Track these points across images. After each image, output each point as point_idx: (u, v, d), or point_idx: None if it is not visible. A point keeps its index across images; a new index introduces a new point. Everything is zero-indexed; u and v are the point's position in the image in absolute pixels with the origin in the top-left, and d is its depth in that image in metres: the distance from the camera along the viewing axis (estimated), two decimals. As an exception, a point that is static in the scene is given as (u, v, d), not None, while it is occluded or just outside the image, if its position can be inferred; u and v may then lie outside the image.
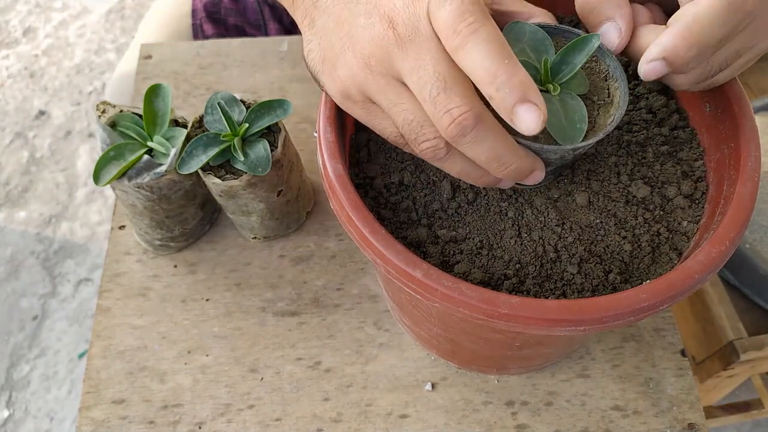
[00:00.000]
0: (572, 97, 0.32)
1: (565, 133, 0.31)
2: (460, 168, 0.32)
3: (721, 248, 0.31)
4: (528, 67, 0.32)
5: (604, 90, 0.34)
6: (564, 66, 0.32)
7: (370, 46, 0.31)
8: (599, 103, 0.34)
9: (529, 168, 0.32)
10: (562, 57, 0.32)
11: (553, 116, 0.32)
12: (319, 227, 0.56)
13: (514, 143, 0.31)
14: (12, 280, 1.34)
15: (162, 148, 0.46)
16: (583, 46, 0.32)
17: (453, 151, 0.31)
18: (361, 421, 0.47)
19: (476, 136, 0.29)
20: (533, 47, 0.33)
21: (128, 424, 0.47)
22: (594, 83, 0.34)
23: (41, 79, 1.66)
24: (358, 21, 0.32)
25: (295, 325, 0.51)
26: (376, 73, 0.31)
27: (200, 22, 0.81)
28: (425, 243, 0.36)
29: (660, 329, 0.51)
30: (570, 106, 0.32)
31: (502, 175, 0.32)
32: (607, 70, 0.34)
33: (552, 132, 0.31)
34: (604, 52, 0.34)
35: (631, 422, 0.47)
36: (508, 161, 0.31)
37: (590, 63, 0.34)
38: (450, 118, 0.29)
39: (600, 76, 0.34)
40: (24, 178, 1.49)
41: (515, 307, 0.30)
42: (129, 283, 0.53)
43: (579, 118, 0.32)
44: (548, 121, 0.31)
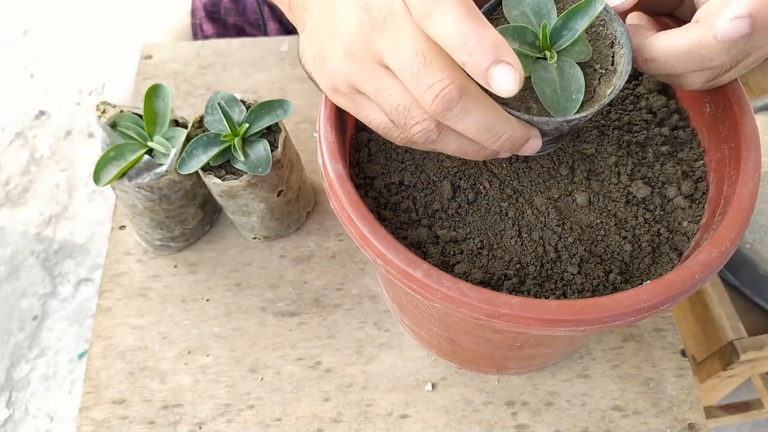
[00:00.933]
0: (571, 65, 0.31)
1: (558, 104, 0.30)
2: (456, 146, 0.32)
3: (721, 248, 0.31)
4: (526, 33, 0.31)
5: (609, 57, 0.32)
6: (565, 31, 0.31)
7: (350, 34, 0.31)
8: (602, 71, 0.32)
9: (524, 137, 0.31)
10: (563, 21, 0.31)
11: (547, 86, 0.30)
12: (320, 227, 0.56)
13: (503, 112, 0.30)
14: (12, 280, 1.34)
15: (162, 148, 0.46)
16: (587, 9, 0.30)
17: (445, 130, 0.31)
18: (362, 422, 0.47)
19: (462, 108, 0.28)
20: (535, 11, 0.32)
21: (128, 424, 0.47)
22: (598, 49, 0.32)
23: (41, 79, 1.66)
24: (338, 13, 0.32)
25: (296, 325, 0.51)
26: (359, 61, 0.31)
27: (200, 22, 0.81)
28: (425, 243, 0.36)
29: (660, 329, 0.51)
30: (567, 75, 0.31)
31: (496, 146, 0.31)
32: (614, 36, 0.32)
33: (545, 103, 0.30)
34: (612, 16, 0.32)
35: (631, 422, 0.47)
36: (500, 131, 0.30)
37: (597, 27, 0.33)
38: (433, 93, 0.28)
39: (606, 42, 0.32)
40: (24, 178, 1.49)
41: (515, 307, 0.30)
42: (129, 283, 0.53)
43: (576, 88, 0.30)
44: (542, 92, 0.30)
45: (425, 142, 0.31)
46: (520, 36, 0.31)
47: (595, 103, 0.31)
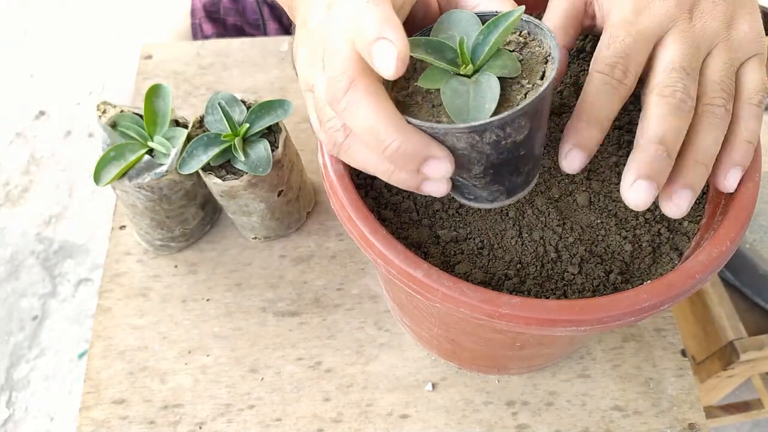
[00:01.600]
0: (489, 77, 0.29)
1: (468, 113, 0.28)
2: (363, 157, 0.30)
3: (721, 248, 0.31)
4: (445, 49, 0.29)
5: (539, 72, 0.30)
6: (484, 46, 0.29)
7: (312, 32, 0.31)
8: (528, 86, 0.30)
9: (420, 152, 0.27)
10: (483, 37, 0.29)
11: (459, 98, 0.28)
12: (320, 227, 0.56)
13: (396, 118, 0.27)
14: (12, 280, 1.34)
15: (162, 148, 0.46)
16: (503, 20, 0.28)
17: (351, 135, 0.29)
18: (362, 422, 0.47)
19: (350, 100, 0.27)
20: (463, 33, 0.30)
21: (128, 424, 0.47)
22: (530, 66, 0.30)
23: (41, 79, 1.66)
24: (311, 15, 0.32)
25: (296, 325, 0.51)
26: (312, 61, 0.31)
27: (199, 22, 0.81)
28: (426, 243, 0.36)
29: (660, 329, 0.51)
30: (483, 87, 0.28)
31: (387, 157, 0.27)
32: (549, 52, 0.30)
33: (450, 111, 0.28)
34: (545, 32, 0.30)
35: (631, 422, 0.47)
36: (387, 137, 0.27)
37: (532, 48, 0.31)
38: (327, 84, 0.27)
39: (539, 59, 0.31)
40: (24, 178, 1.49)
41: (516, 307, 0.30)
42: (129, 283, 0.53)
43: (489, 98, 0.28)
44: (450, 102, 0.28)
45: (334, 145, 0.30)
46: (437, 51, 0.29)
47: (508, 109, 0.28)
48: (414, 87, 0.30)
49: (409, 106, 0.30)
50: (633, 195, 0.29)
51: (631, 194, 0.29)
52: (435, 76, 0.29)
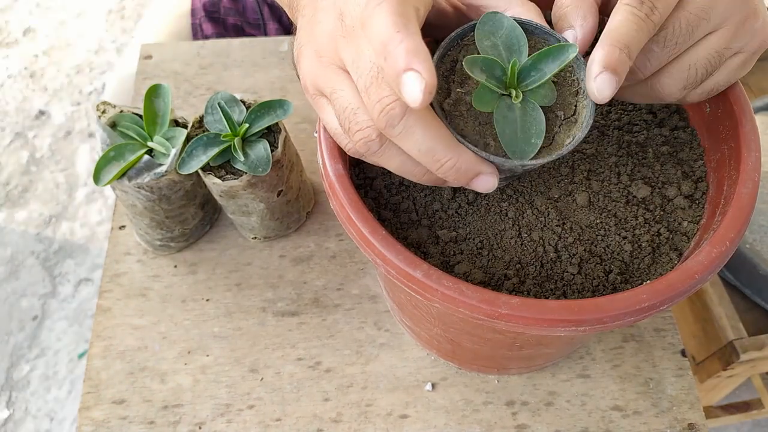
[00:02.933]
0: (534, 107, 0.30)
1: (516, 146, 0.30)
2: (398, 163, 0.31)
3: (721, 248, 0.31)
4: (495, 67, 0.30)
5: (572, 106, 0.32)
6: (534, 72, 0.30)
7: (322, 38, 0.31)
8: (563, 119, 0.32)
9: (472, 169, 0.30)
10: (533, 62, 0.30)
11: (508, 126, 0.30)
12: (320, 227, 0.56)
13: (450, 138, 0.29)
14: (12, 280, 1.34)
15: (162, 149, 0.46)
16: (558, 54, 0.30)
17: (387, 144, 0.30)
18: (362, 422, 0.47)
19: (406, 126, 0.28)
20: (506, 44, 0.31)
21: (128, 425, 0.47)
22: (563, 96, 0.32)
23: (41, 79, 1.66)
24: (319, 18, 0.32)
25: (296, 325, 0.51)
26: (325, 64, 0.31)
27: (199, 22, 0.81)
28: (426, 243, 0.36)
29: (660, 329, 0.51)
30: (529, 117, 0.30)
31: (440, 172, 0.30)
32: (579, 84, 0.32)
33: (503, 143, 0.30)
34: (581, 64, 0.32)
35: (631, 422, 0.47)
36: (443, 157, 0.29)
37: (564, 73, 0.32)
38: (380, 107, 0.28)
39: (571, 90, 0.32)
40: (24, 178, 1.49)
41: (515, 307, 0.30)
42: (129, 283, 0.53)
43: (536, 132, 0.30)
44: (502, 131, 0.30)
45: (366, 151, 0.31)
46: (489, 69, 0.30)
47: (553, 152, 0.31)
48: (458, 95, 0.31)
49: (455, 117, 0.31)
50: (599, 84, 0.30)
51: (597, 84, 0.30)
52: (485, 96, 0.30)
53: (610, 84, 0.29)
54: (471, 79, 0.32)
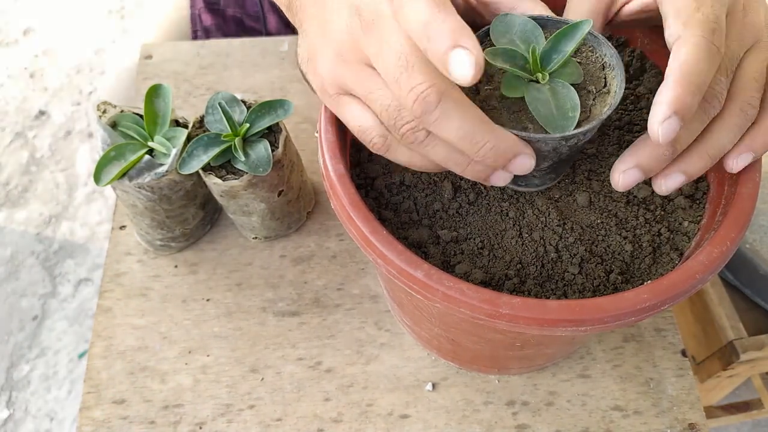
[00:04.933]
0: (564, 85, 0.31)
1: (555, 122, 0.30)
2: (444, 154, 0.31)
3: (722, 248, 0.31)
4: (516, 57, 0.31)
5: (601, 79, 0.32)
6: (554, 54, 0.31)
7: (341, 36, 0.31)
8: (595, 93, 0.32)
9: (510, 149, 0.30)
10: (552, 45, 0.31)
11: (542, 105, 0.30)
12: (320, 227, 0.56)
13: (487, 120, 0.29)
14: (12, 280, 1.34)
15: (163, 149, 0.46)
16: (573, 32, 0.31)
17: (432, 134, 0.30)
18: (362, 422, 0.47)
19: (442, 111, 0.28)
20: (523, 38, 0.32)
21: (129, 424, 0.47)
22: (590, 72, 0.33)
23: (41, 79, 1.66)
24: (331, 17, 0.32)
25: (296, 325, 0.51)
26: (349, 63, 0.31)
27: (198, 12, 0.81)
28: (426, 243, 0.36)
29: (661, 329, 0.51)
30: (561, 94, 0.31)
31: (480, 156, 0.29)
32: (603, 59, 0.33)
33: (541, 121, 0.30)
34: (600, 41, 0.33)
35: (631, 422, 0.47)
36: (482, 139, 0.29)
37: (586, 53, 0.33)
38: (414, 96, 0.28)
39: (596, 66, 0.33)
40: (24, 178, 1.49)
41: (516, 307, 0.30)
42: (130, 283, 0.53)
43: (571, 106, 0.30)
44: (537, 111, 0.30)
45: (413, 142, 0.31)
46: (511, 59, 0.31)
47: (593, 120, 0.31)
48: (486, 92, 0.32)
49: (488, 112, 0.31)
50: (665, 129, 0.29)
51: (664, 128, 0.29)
52: (513, 83, 0.31)
53: (676, 129, 0.28)
54: (495, 76, 0.32)
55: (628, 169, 0.31)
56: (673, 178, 0.32)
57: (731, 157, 0.32)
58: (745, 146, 0.32)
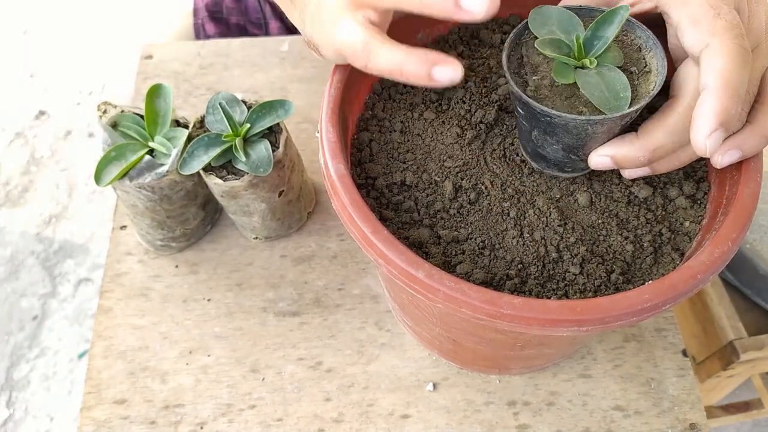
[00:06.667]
0: (610, 68, 0.32)
1: (610, 103, 0.31)
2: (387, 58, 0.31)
3: (723, 248, 0.31)
4: (560, 46, 0.33)
5: (641, 60, 0.34)
6: (596, 41, 0.33)
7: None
8: (638, 73, 0.33)
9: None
10: (592, 32, 0.33)
11: (594, 89, 0.32)
12: (321, 227, 0.56)
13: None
14: (12, 280, 1.34)
15: (163, 149, 0.46)
16: (612, 18, 0.32)
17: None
18: (363, 422, 0.47)
19: None
20: (562, 28, 0.33)
21: (129, 424, 0.47)
22: (628, 55, 0.34)
23: (41, 79, 1.66)
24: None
25: (297, 325, 0.51)
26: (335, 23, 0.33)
27: (202, 22, 0.81)
28: (427, 243, 0.36)
29: (661, 329, 0.51)
30: (609, 77, 0.32)
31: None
32: (639, 42, 0.34)
33: (597, 104, 0.31)
34: (634, 25, 0.34)
35: (632, 422, 0.47)
36: None
37: (621, 37, 0.35)
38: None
39: (633, 48, 0.34)
40: (24, 178, 1.49)
41: (517, 307, 0.30)
42: (130, 283, 0.53)
43: (621, 87, 0.32)
44: (591, 95, 0.31)
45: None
46: (557, 48, 0.33)
47: (641, 99, 0.32)
48: (535, 82, 0.33)
49: (542, 100, 0.32)
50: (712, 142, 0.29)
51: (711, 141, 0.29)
52: (563, 69, 0.32)
53: (721, 140, 0.29)
54: (540, 67, 0.34)
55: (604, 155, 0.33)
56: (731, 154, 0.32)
57: (718, 152, 0.32)
58: (732, 144, 0.32)
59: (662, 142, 0.32)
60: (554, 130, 0.33)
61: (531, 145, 0.36)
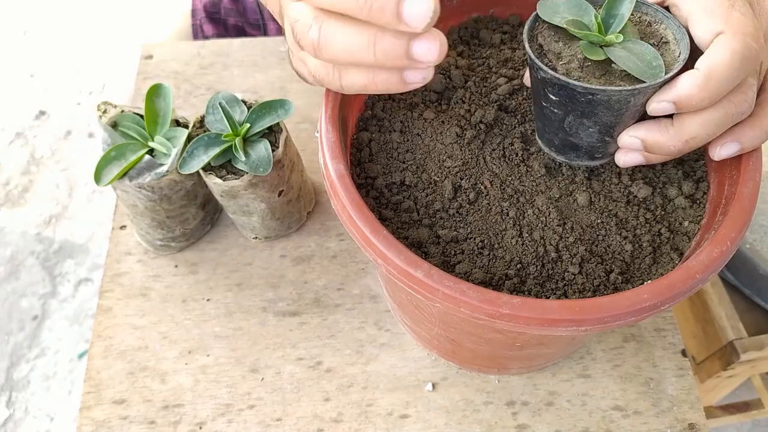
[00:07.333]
0: (634, 42, 0.33)
1: (646, 71, 0.31)
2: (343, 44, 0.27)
3: (722, 248, 0.31)
4: (580, 27, 0.33)
5: (655, 33, 0.34)
6: (611, 19, 0.33)
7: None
8: (657, 45, 0.34)
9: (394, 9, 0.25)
10: (607, 11, 0.33)
11: (629, 60, 0.32)
12: (320, 227, 0.56)
13: None
14: (12, 280, 1.34)
15: (163, 148, 0.46)
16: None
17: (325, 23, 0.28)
18: (362, 421, 0.47)
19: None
20: (573, 13, 0.34)
21: (129, 424, 0.47)
22: (641, 31, 0.34)
23: (41, 79, 1.66)
24: None
25: (296, 325, 0.51)
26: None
27: (200, 23, 0.81)
28: (426, 243, 0.36)
29: (661, 329, 0.51)
30: (637, 50, 0.32)
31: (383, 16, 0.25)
32: (647, 18, 0.34)
33: (636, 74, 0.31)
34: (638, 2, 0.34)
35: (631, 422, 0.47)
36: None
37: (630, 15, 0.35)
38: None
39: (643, 24, 0.34)
40: (24, 178, 1.49)
41: (516, 307, 0.30)
42: (130, 283, 0.53)
43: (652, 56, 0.32)
44: (628, 66, 0.31)
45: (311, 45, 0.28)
46: (580, 28, 0.33)
47: (673, 65, 0.32)
48: (563, 68, 0.33)
49: (579, 80, 0.32)
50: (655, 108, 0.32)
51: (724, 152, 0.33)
52: (592, 48, 0.33)
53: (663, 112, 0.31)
54: (563, 52, 0.33)
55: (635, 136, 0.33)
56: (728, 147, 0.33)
57: (716, 144, 0.33)
58: (731, 137, 0.33)
59: (697, 132, 0.32)
60: (594, 109, 0.32)
61: (561, 135, 0.36)
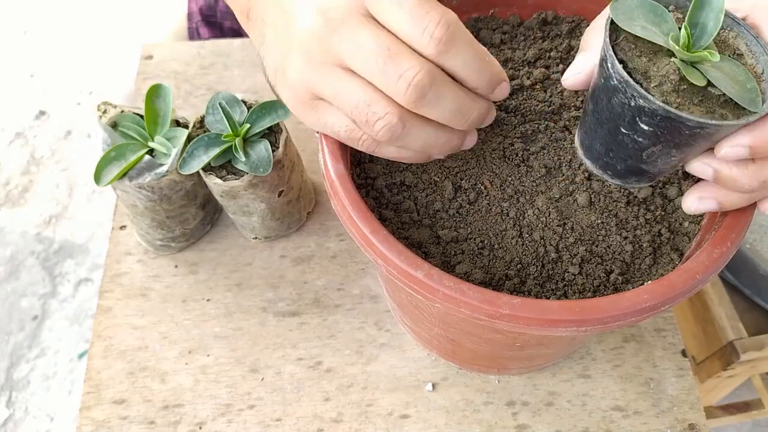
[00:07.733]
0: (724, 59, 0.28)
1: (745, 97, 0.27)
2: (423, 140, 0.31)
3: (722, 249, 0.31)
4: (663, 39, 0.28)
5: (727, 43, 0.30)
6: (693, 29, 0.28)
7: (308, 39, 0.31)
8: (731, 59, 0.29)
9: (486, 109, 0.33)
10: (689, 20, 0.28)
11: (727, 84, 0.27)
12: (320, 227, 0.56)
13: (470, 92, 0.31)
14: (12, 280, 1.34)
15: (163, 149, 0.46)
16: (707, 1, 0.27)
17: (409, 123, 0.30)
18: (362, 422, 0.47)
19: (436, 92, 0.29)
20: (651, 20, 0.28)
21: (129, 425, 0.47)
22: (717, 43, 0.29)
23: (41, 79, 1.66)
24: (295, 22, 0.31)
25: (296, 325, 0.51)
26: (317, 64, 0.31)
27: (196, 26, 0.81)
28: (427, 243, 0.36)
29: (661, 329, 0.51)
30: (727, 69, 0.27)
31: (466, 125, 0.32)
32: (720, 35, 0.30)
33: (738, 99, 0.27)
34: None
35: (631, 422, 0.47)
36: (471, 108, 0.31)
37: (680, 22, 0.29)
38: (405, 82, 0.28)
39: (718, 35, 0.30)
40: (24, 178, 1.49)
41: (516, 307, 0.30)
42: (130, 283, 0.53)
43: (744, 77, 0.27)
44: (729, 91, 0.27)
45: (391, 138, 0.31)
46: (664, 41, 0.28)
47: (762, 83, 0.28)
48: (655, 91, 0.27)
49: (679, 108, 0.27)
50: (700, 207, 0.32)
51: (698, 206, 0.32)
52: (689, 70, 0.27)
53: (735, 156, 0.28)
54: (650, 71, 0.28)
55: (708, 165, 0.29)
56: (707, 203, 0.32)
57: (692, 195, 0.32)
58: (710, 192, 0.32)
59: None
60: (694, 141, 0.27)
61: (630, 162, 0.30)
